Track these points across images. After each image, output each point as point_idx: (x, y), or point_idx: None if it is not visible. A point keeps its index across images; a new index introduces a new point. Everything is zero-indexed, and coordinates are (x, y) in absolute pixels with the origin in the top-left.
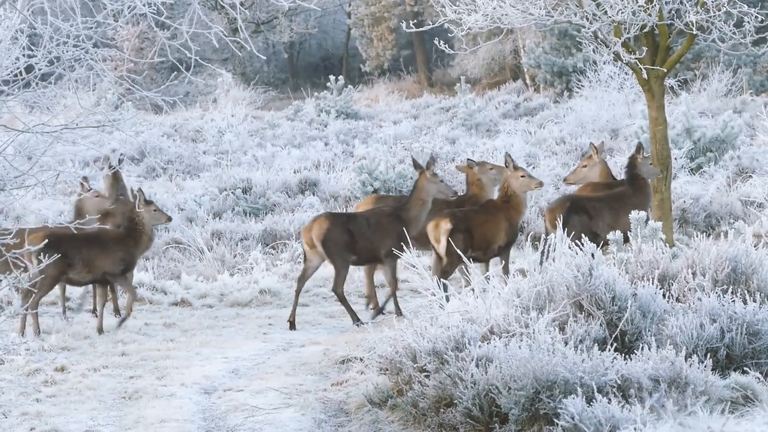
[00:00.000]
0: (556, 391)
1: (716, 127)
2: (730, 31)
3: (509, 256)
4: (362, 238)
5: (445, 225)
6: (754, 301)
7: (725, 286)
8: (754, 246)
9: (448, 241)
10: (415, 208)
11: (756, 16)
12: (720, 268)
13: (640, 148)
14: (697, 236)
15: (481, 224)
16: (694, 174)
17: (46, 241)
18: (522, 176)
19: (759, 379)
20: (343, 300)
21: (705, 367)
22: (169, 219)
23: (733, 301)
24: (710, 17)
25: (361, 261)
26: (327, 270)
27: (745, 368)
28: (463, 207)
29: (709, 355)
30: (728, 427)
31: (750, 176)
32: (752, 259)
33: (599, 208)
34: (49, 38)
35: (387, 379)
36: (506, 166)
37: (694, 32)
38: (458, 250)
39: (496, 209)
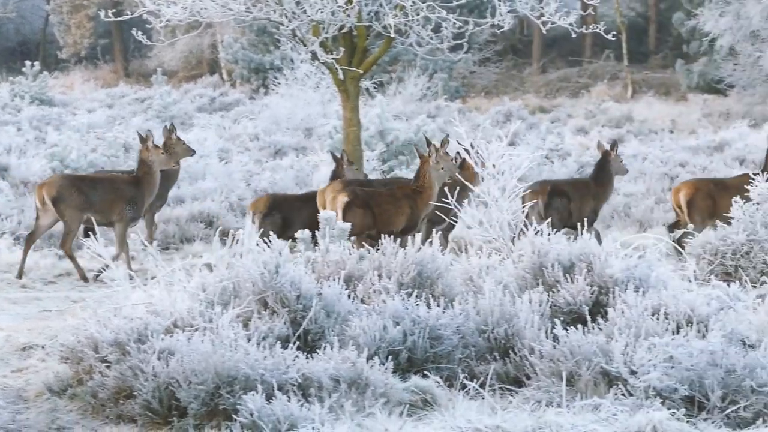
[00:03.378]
0: (236, 386)
1: (410, 130)
2: (428, 36)
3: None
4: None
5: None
6: (438, 305)
7: (410, 290)
8: (441, 251)
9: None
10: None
11: (454, 23)
12: (406, 271)
13: (614, 144)
14: (384, 239)
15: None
16: (386, 176)
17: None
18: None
19: (439, 383)
20: None
21: (386, 369)
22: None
23: (417, 304)
24: (409, 21)
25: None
26: (14, 256)
27: (425, 372)
28: None
29: (390, 357)
30: (405, 430)
31: None
32: (438, 264)
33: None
34: None
35: (68, 368)
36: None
37: (392, 35)
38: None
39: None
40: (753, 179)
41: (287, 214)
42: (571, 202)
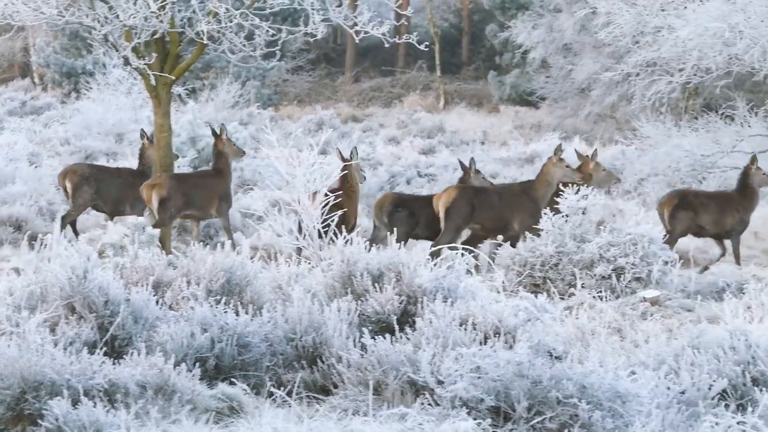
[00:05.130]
0: (42, 392)
1: None
2: (241, 43)
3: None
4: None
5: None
6: (247, 313)
7: (219, 297)
8: (251, 258)
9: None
10: (541, 188)
11: (267, 30)
12: (215, 278)
13: (754, 159)
14: (195, 245)
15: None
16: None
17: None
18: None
19: (246, 390)
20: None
21: (193, 375)
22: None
23: (226, 311)
24: (222, 28)
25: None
26: None
27: (233, 379)
28: None
29: (198, 364)
30: None
31: (252, 189)
32: (247, 272)
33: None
34: None
35: None
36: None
37: (205, 42)
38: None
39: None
40: None
41: (413, 212)
42: (698, 214)
